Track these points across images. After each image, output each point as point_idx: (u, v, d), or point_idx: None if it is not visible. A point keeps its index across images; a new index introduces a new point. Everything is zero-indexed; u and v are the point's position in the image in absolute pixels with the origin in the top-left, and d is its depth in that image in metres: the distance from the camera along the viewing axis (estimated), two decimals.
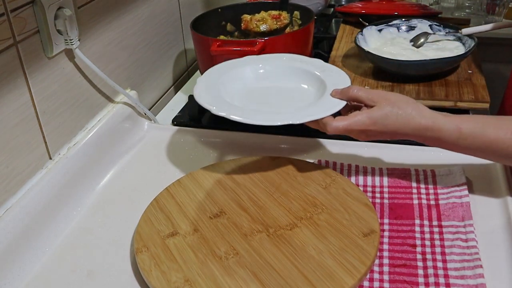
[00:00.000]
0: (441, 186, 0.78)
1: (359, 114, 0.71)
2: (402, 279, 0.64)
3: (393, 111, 0.70)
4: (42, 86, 0.78)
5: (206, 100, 0.78)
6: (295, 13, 1.16)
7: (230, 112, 0.75)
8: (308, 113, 0.74)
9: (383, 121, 0.70)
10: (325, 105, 0.75)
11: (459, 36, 1.09)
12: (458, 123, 0.69)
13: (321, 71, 0.86)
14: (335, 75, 0.84)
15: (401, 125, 0.70)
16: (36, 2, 0.74)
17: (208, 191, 0.79)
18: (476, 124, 0.69)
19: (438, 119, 0.70)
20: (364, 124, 0.71)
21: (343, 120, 0.71)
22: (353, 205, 0.74)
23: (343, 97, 0.76)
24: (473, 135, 0.69)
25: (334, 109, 0.74)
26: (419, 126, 0.70)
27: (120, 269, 0.70)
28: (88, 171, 0.86)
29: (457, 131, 0.69)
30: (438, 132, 0.70)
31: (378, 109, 0.71)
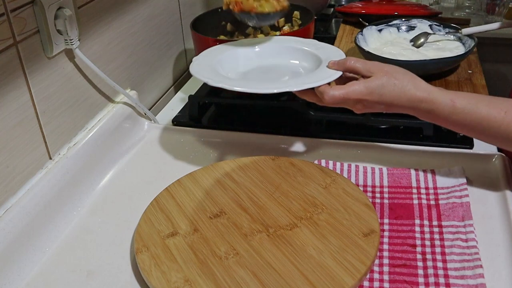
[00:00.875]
0: (441, 186, 0.78)
1: (356, 83, 0.72)
2: (402, 279, 0.64)
3: (390, 81, 0.71)
4: (42, 86, 0.78)
5: (203, 74, 0.80)
6: (295, 13, 1.16)
7: (225, 83, 0.76)
8: (304, 82, 0.75)
9: (380, 90, 0.71)
10: (322, 75, 0.77)
11: (459, 36, 1.09)
12: (452, 97, 0.70)
13: (315, 48, 0.88)
14: (329, 50, 0.86)
15: (397, 96, 0.71)
16: (36, 2, 0.74)
17: (208, 191, 0.79)
18: (470, 100, 0.70)
19: (433, 92, 0.71)
20: (361, 93, 0.71)
21: (340, 89, 0.72)
22: (353, 205, 0.74)
23: (340, 68, 0.77)
24: (465, 111, 0.70)
25: (330, 78, 0.75)
26: (414, 97, 0.71)
27: (120, 269, 0.70)
28: (88, 171, 0.86)
29: (451, 105, 0.70)
30: (432, 104, 0.71)
31: (375, 78, 0.72)
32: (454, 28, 1.11)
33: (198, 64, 0.85)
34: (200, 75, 0.80)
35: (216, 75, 0.81)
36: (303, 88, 0.74)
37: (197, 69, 0.83)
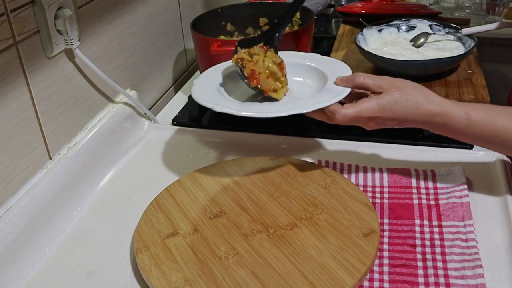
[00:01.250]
0: (441, 186, 0.78)
1: (367, 100, 0.70)
2: (402, 279, 0.64)
3: (402, 97, 0.69)
4: (42, 86, 0.78)
5: (206, 99, 0.77)
6: None
7: (232, 107, 0.74)
8: (314, 102, 0.72)
9: (392, 107, 0.69)
10: (330, 93, 0.74)
11: (459, 36, 1.09)
12: (467, 110, 0.68)
13: (319, 63, 0.85)
14: (334, 65, 0.83)
15: (410, 111, 0.69)
16: (36, 2, 0.74)
17: (208, 191, 0.79)
18: (486, 112, 0.68)
19: (447, 105, 0.69)
20: (373, 110, 0.69)
21: (352, 107, 0.70)
22: (353, 205, 0.74)
23: (349, 84, 0.74)
24: (482, 123, 0.68)
25: (340, 96, 0.73)
26: (427, 111, 0.69)
27: (120, 269, 0.70)
28: (88, 171, 0.86)
29: (466, 118, 0.68)
30: (447, 118, 0.69)
31: (386, 94, 0.69)
32: (454, 28, 1.11)
33: (199, 88, 0.82)
34: (203, 101, 0.77)
35: (219, 98, 0.79)
36: (313, 110, 0.71)
37: (199, 93, 0.80)
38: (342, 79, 0.75)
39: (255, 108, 0.75)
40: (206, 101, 0.77)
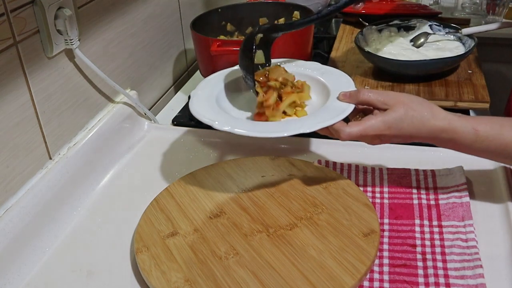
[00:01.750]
0: (441, 186, 0.78)
1: (372, 118, 0.68)
2: (402, 279, 0.64)
3: (408, 114, 0.67)
4: (42, 86, 0.78)
5: (206, 115, 0.74)
6: (295, 13, 1.16)
7: (234, 125, 0.71)
8: (317, 120, 0.70)
9: (398, 124, 0.67)
10: (334, 110, 0.72)
11: (459, 36, 1.09)
12: (474, 125, 0.67)
13: (320, 73, 0.83)
14: (336, 77, 0.81)
15: (416, 128, 0.68)
16: (36, 2, 0.74)
17: (208, 191, 0.79)
18: (493, 125, 0.67)
19: (454, 121, 0.67)
20: (378, 128, 0.68)
21: (357, 126, 0.68)
22: (353, 205, 0.74)
23: (352, 100, 0.72)
24: (489, 138, 0.67)
25: (344, 114, 0.71)
26: (434, 128, 0.67)
27: (120, 269, 0.70)
28: (88, 171, 0.86)
29: (474, 133, 0.67)
30: (454, 134, 0.67)
31: (392, 112, 0.68)
32: (454, 28, 1.11)
33: (197, 101, 0.78)
34: (202, 117, 0.73)
35: (219, 113, 0.75)
36: (317, 129, 0.69)
37: (198, 108, 0.76)
38: (345, 94, 0.73)
39: (257, 126, 0.72)
40: (206, 117, 0.73)
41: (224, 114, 0.76)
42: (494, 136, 0.67)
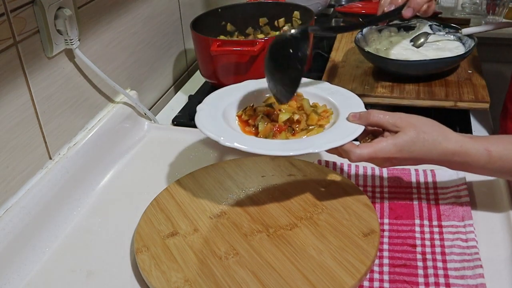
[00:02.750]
0: (441, 186, 0.78)
1: (383, 140, 0.66)
2: (402, 279, 0.64)
3: (419, 137, 0.65)
4: (42, 86, 0.78)
5: (211, 130, 0.71)
6: (295, 13, 1.16)
7: (240, 142, 0.69)
8: (327, 140, 0.68)
9: (409, 148, 0.66)
10: (343, 131, 0.70)
11: (459, 36, 1.09)
12: (486, 146, 0.65)
13: (329, 93, 0.80)
14: (345, 97, 0.79)
15: (428, 151, 0.66)
16: (36, 2, 0.74)
17: (208, 191, 0.79)
18: (506, 145, 0.66)
19: (465, 143, 0.66)
20: (389, 151, 0.66)
21: (367, 148, 0.66)
22: (353, 205, 0.74)
23: (362, 122, 0.70)
24: (503, 158, 0.65)
25: (354, 135, 0.69)
26: (446, 151, 0.66)
27: (120, 269, 0.70)
28: (88, 171, 0.86)
29: (486, 155, 0.65)
30: (466, 157, 0.66)
31: (403, 134, 0.66)
32: (454, 28, 1.11)
33: (204, 116, 0.75)
34: (209, 132, 0.70)
35: (225, 130, 0.72)
36: (325, 149, 0.67)
37: (204, 122, 0.73)
38: (355, 116, 0.71)
39: (264, 144, 0.70)
40: (213, 132, 0.71)
41: (231, 130, 0.73)
42: (508, 156, 0.65)
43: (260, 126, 0.74)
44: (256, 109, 0.77)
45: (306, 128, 0.74)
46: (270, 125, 0.74)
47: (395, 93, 0.99)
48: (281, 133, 0.73)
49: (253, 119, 0.76)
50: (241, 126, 0.76)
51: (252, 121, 0.76)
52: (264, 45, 0.98)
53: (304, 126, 0.74)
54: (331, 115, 0.76)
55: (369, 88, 1.01)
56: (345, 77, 1.06)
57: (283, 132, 0.73)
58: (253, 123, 0.75)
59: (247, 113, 0.77)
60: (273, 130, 0.73)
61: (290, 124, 0.74)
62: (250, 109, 0.78)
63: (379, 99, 0.99)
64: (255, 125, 0.75)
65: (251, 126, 0.76)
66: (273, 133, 0.73)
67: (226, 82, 1.05)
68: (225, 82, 1.04)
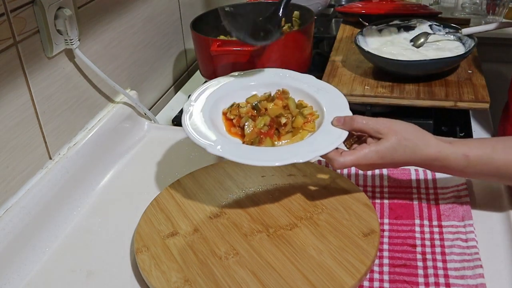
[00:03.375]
0: (441, 186, 0.78)
1: (366, 147, 0.68)
2: (402, 279, 0.64)
3: (401, 143, 0.68)
4: (42, 86, 0.78)
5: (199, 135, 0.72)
6: (295, 13, 1.16)
7: (225, 150, 0.69)
8: (312, 148, 0.69)
9: (391, 154, 0.68)
10: (328, 137, 0.71)
11: (459, 36, 1.09)
12: (465, 151, 0.67)
13: (316, 90, 0.81)
14: (331, 96, 0.79)
15: (408, 157, 0.68)
16: (36, 2, 0.74)
17: (208, 191, 0.79)
18: (484, 150, 0.67)
19: (445, 148, 0.68)
20: (371, 158, 0.68)
21: (351, 155, 0.68)
22: (353, 205, 0.74)
23: (346, 127, 0.72)
24: (481, 162, 0.67)
25: (337, 142, 0.70)
26: (426, 156, 0.68)
27: (120, 269, 0.70)
28: (88, 171, 0.86)
29: (465, 159, 0.67)
30: (445, 161, 0.68)
31: (385, 141, 0.68)
32: (454, 28, 1.11)
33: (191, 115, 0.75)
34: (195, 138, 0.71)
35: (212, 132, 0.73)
36: (310, 158, 0.68)
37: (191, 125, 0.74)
38: (339, 120, 0.73)
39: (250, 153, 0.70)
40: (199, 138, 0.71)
41: (219, 135, 0.73)
42: (486, 161, 0.67)
43: (246, 129, 0.74)
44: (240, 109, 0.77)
45: (291, 131, 0.75)
46: (256, 129, 0.74)
47: (395, 93, 0.99)
48: (266, 139, 0.74)
49: (238, 120, 0.76)
50: (226, 124, 0.78)
51: (237, 122, 0.76)
52: (264, 45, 0.98)
53: (289, 128, 0.75)
54: (317, 118, 0.77)
55: (369, 88, 1.01)
56: (345, 77, 1.06)
57: (268, 137, 0.74)
58: (239, 124, 0.76)
59: (233, 112, 0.78)
60: (260, 134, 0.74)
61: (277, 126, 0.75)
62: (236, 108, 0.78)
63: (379, 99, 0.99)
64: (240, 126, 0.76)
65: (236, 127, 0.76)
66: (259, 138, 0.73)
67: None
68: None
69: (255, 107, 0.77)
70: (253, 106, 0.78)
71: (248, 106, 0.78)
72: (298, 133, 0.75)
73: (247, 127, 0.74)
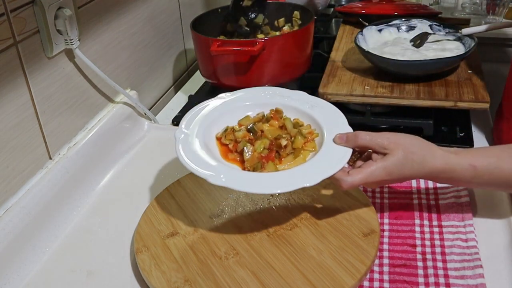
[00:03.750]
0: (441, 186, 0.78)
1: (373, 164, 0.67)
2: (402, 279, 0.64)
3: (408, 158, 0.66)
4: (42, 86, 0.78)
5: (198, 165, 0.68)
6: (295, 13, 1.16)
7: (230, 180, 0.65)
8: (318, 170, 0.66)
9: (398, 170, 0.66)
10: (332, 156, 0.69)
11: (459, 36, 1.09)
12: (471, 161, 0.66)
13: (310, 107, 0.78)
14: (327, 112, 0.77)
15: (416, 171, 0.67)
16: (36, 2, 0.74)
17: (208, 191, 0.79)
18: (490, 159, 0.66)
19: (451, 159, 0.67)
20: (380, 175, 0.66)
21: (358, 174, 0.66)
22: (353, 205, 0.74)
23: (350, 145, 0.70)
24: (488, 172, 0.66)
25: (343, 161, 0.68)
26: (433, 168, 0.67)
27: (120, 269, 0.70)
28: (88, 171, 0.86)
29: (472, 170, 0.66)
30: (452, 173, 0.67)
31: (392, 157, 0.66)
32: (454, 28, 1.11)
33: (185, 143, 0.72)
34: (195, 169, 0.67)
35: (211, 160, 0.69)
36: (318, 182, 0.65)
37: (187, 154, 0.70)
38: (342, 138, 0.71)
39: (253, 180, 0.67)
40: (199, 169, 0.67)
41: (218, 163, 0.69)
42: (493, 170, 0.66)
43: (245, 155, 0.70)
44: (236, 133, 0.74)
45: (293, 152, 0.72)
46: (256, 153, 0.71)
47: (395, 93, 0.99)
48: (268, 163, 0.71)
49: (234, 145, 0.73)
50: (221, 150, 0.74)
51: (234, 148, 0.73)
52: (264, 45, 0.98)
53: (290, 150, 0.72)
54: (316, 137, 0.74)
55: (369, 88, 1.01)
56: (345, 77, 1.06)
57: (270, 162, 0.71)
58: (236, 150, 0.72)
59: (228, 137, 0.74)
60: (261, 159, 0.71)
61: (277, 149, 0.72)
62: (231, 132, 0.74)
63: (379, 99, 0.99)
64: (238, 152, 0.72)
65: (234, 153, 0.73)
66: (261, 164, 0.70)
67: (226, 82, 1.05)
68: (225, 82, 1.04)
69: (251, 130, 0.74)
70: (249, 129, 0.74)
71: (243, 129, 0.75)
72: (300, 154, 0.72)
73: (246, 152, 0.71)
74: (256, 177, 0.68)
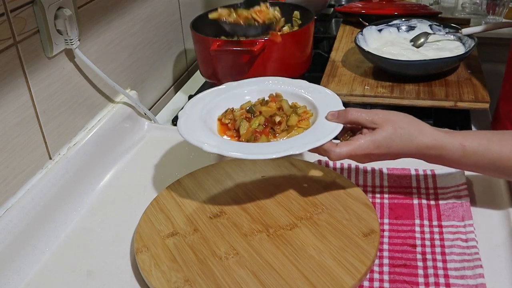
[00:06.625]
0: (441, 186, 0.78)
1: (361, 138, 0.68)
2: (402, 279, 0.64)
3: (397, 132, 0.68)
4: (42, 86, 0.78)
5: (194, 136, 0.72)
6: (295, 13, 1.16)
7: (221, 147, 0.70)
8: (307, 141, 0.70)
9: (387, 143, 0.68)
10: (323, 130, 0.71)
11: (459, 36, 1.09)
12: (461, 141, 0.67)
13: (308, 92, 0.81)
14: (323, 95, 0.80)
15: (404, 146, 0.68)
16: (36, 2, 0.74)
17: (208, 191, 0.79)
18: (480, 141, 0.67)
19: (441, 137, 0.68)
20: (368, 148, 0.68)
21: (347, 146, 0.68)
22: (353, 205, 0.74)
23: (341, 120, 0.72)
24: (477, 153, 0.67)
25: (333, 134, 0.70)
26: (422, 145, 0.68)
27: (120, 269, 0.70)
28: (88, 171, 0.86)
29: (461, 149, 0.67)
30: (441, 150, 0.68)
31: (381, 131, 0.68)
32: (454, 28, 1.11)
33: (186, 121, 0.76)
34: (191, 138, 0.71)
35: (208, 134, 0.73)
36: (305, 150, 0.68)
37: (186, 129, 0.74)
38: (333, 114, 0.73)
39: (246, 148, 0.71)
40: (195, 138, 0.71)
41: (213, 135, 0.74)
42: (482, 152, 0.67)
43: (241, 129, 0.74)
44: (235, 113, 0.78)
45: (287, 129, 0.75)
46: (252, 128, 0.74)
47: (395, 93, 0.99)
48: (262, 136, 0.74)
49: (233, 123, 0.77)
50: (221, 129, 0.77)
51: (232, 126, 0.76)
52: (264, 45, 0.98)
53: (284, 127, 0.75)
54: (311, 116, 0.77)
55: (369, 88, 1.01)
56: (345, 77, 1.06)
57: (263, 135, 0.74)
58: (234, 127, 0.76)
59: (227, 117, 0.78)
60: (255, 133, 0.74)
61: (271, 125, 0.75)
62: (230, 112, 0.78)
63: (379, 99, 0.99)
64: (235, 129, 0.76)
65: (231, 130, 0.76)
66: (255, 137, 0.73)
67: (226, 82, 1.05)
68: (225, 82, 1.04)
69: (250, 110, 0.78)
70: (248, 110, 0.78)
71: (242, 109, 0.79)
72: (293, 131, 0.75)
73: (242, 127, 0.75)
74: (247, 146, 0.72)
